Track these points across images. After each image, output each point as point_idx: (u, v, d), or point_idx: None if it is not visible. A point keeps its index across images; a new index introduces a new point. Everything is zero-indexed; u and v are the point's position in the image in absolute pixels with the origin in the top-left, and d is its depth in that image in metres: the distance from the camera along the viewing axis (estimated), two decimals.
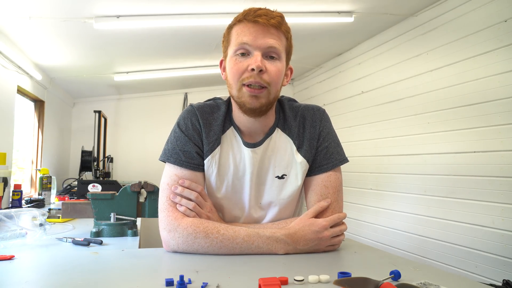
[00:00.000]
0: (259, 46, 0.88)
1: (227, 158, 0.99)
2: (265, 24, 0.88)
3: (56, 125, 3.89)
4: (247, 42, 0.88)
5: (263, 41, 0.88)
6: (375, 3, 2.55)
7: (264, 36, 0.88)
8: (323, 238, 0.91)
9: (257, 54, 0.88)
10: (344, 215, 0.96)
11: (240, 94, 0.91)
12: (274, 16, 0.89)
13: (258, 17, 0.88)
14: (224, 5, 2.37)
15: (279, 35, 0.91)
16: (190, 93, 4.85)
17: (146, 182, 1.39)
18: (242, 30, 0.90)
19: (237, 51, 0.90)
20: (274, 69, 0.90)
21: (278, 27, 0.90)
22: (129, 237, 1.37)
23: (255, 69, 0.87)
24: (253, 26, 0.89)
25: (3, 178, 2.08)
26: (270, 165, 1.00)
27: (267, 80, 0.89)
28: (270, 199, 1.01)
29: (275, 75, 0.90)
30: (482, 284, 0.71)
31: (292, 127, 1.01)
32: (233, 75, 0.91)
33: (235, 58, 0.91)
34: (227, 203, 1.01)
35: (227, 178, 0.99)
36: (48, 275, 0.72)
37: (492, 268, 2.09)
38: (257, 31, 0.88)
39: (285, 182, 1.00)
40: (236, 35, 0.91)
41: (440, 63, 2.49)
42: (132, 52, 3.24)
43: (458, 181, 2.34)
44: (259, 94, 0.89)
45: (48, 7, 2.18)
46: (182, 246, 0.89)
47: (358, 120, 3.40)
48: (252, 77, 0.88)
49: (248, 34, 0.89)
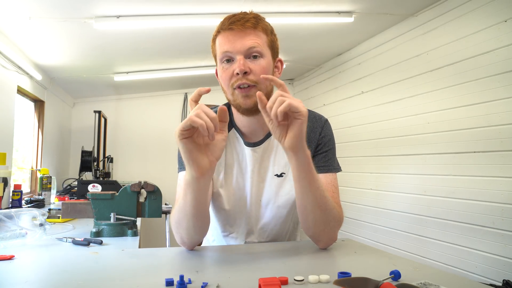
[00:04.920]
0: (239, 50, 0.93)
1: (232, 156, 1.06)
2: (241, 28, 0.93)
3: (56, 125, 3.89)
4: (228, 50, 0.94)
5: (241, 45, 0.93)
6: (375, 3, 2.55)
7: (241, 39, 0.93)
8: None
9: (240, 58, 0.92)
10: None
11: (234, 97, 0.96)
12: (248, 19, 0.94)
13: (232, 24, 0.93)
14: (224, 6, 2.37)
15: (257, 34, 0.95)
16: (190, 93, 4.85)
17: (146, 182, 1.39)
18: (222, 40, 0.95)
19: (222, 59, 0.96)
20: (258, 67, 0.94)
21: (254, 28, 0.94)
22: (129, 237, 1.37)
23: (239, 72, 0.92)
24: (230, 33, 0.94)
25: (3, 178, 2.08)
26: (270, 163, 1.05)
27: (253, 80, 0.94)
28: (269, 197, 1.05)
29: (260, 72, 0.94)
30: (482, 284, 0.71)
31: None
32: (224, 82, 0.97)
33: (222, 66, 0.97)
34: (233, 199, 1.05)
35: (233, 175, 1.05)
36: (48, 275, 0.72)
37: (492, 268, 2.09)
38: (235, 37, 0.93)
39: (283, 180, 1.04)
40: (218, 45, 0.96)
41: (440, 63, 2.49)
42: (132, 52, 3.24)
43: (458, 181, 2.34)
44: (249, 93, 0.94)
45: (48, 7, 2.18)
46: (179, 240, 0.94)
47: (358, 120, 3.40)
48: (239, 79, 0.93)
49: (227, 42, 0.94)
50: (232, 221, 1.08)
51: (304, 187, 0.86)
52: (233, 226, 1.08)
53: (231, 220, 1.08)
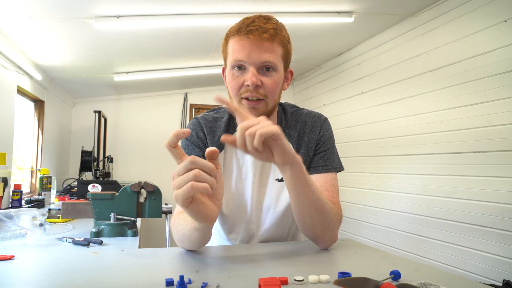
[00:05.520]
0: (253, 62, 0.90)
1: (231, 161, 1.03)
2: (258, 39, 0.88)
3: (56, 125, 3.89)
4: (242, 59, 0.90)
5: (256, 57, 0.89)
6: (375, 3, 2.55)
7: (257, 51, 0.89)
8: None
9: (252, 70, 0.90)
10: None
11: (240, 106, 0.94)
12: (267, 30, 0.89)
13: (250, 33, 0.88)
14: (224, 6, 2.37)
15: (274, 47, 0.91)
16: (190, 93, 4.85)
17: (146, 182, 1.39)
18: (237, 46, 0.91)
19: (234, 66, 0.93)
20: (270, 82, 0.92)
21: (271, 40, 0.90)
22: (129, 237, 1.37)
23: (250, 85, 0.89)
24: (247, 41, 0.89)
25: (3, 178, 2.08)
26: (271, 168, 1.04)
27: (263, 93, 0.92)
28: (270, 202, 1.03)
29: (271, 87, 0.92)
30: (482, 284, 0.70)
31: (292, 132, 1.04)
32: (232, 89, 0.94)
33: (232, 72, 0.93)
34: (231, 205, 1.03)
35: (231, 181, 1.03)
36: (48, 275, 0.72)
37: (492, 268, 2.09)
38: (251, 46, 0.89)
39: (284, 185, 1.02)
40: (232, 49, 0.93)
41: (440, 63, 2.49)
42: (132, 52, 3.24)
43: (458, 181, 2.34)
44: (257, 106, 0.92)
45: (48, 7, 2.18)
46: (182, 247, 0.93)
47: (358, 120, 3.40)
48: (249, 91, 0.91)
49: (242, 51, 0.90)
50: (231, 228, 1.06)
51: (299, 193, 0.83)
52: (232, 232, 1.06)
53: (230, 227, 1.06)
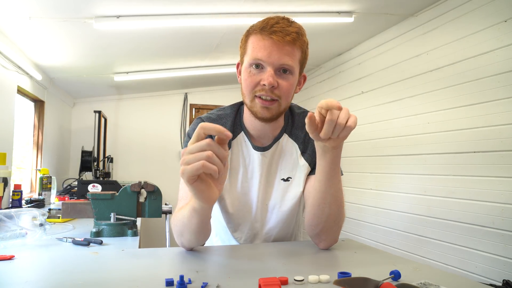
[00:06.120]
0: (272, 63, 0.91)
1: (237, 161, 1.04)
2: (280, 41, 0.89)
3: (56, 125, 3.89)
4: (261, 58, 0.91)
5: (276, 58, 0.90)
6: (375, 3, 2.55)
7: (278, 52, 0.90)
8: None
9: (270, 70, 0.91)
10: None
11: (253, 104, 0.95)
12: (290, 33, 0.90)
13: (273, 34, 0.89)
14: (224, 5, 2.37)
15: (293, 51, 0.92)
16: (190, 93, 4.85)
17: (146, 182, 1.39)
18: (258, 44, 0.92)
19: (252, 64, 0.93)
20: (285, 84, 0.93)
21: (293, 43, 0.91)
22: (129, 237, 1.37)
23: (267, 85, 0.91)
24: (268, 41, 0.90)
25: (3, 178, 2.08)
26: (278, 168, 1.05)
27: (278, 94, 0.93)
28: (276, 201, 1.05)
29: (286, 89, 0.94)
30: (482, 284, 0.70)
31: (298, 133, 1.06)
32: (247, 86, 0.95)
33: (249, 70, 0.94)
34: (237, 204, 1.04)
35: (237, 180, 1.04)
36: (48, 275, 0.72)
37: (492, 268, 2.09)
38: (272, 47, 0.90)
39: (290, 185, 1.05)
40: (252, 47, 0.93)
41: (440, 63, 2.49)
42: (132, 52, 3.24)
43: (458, 181, 2.34)
44: (270, 106, 0.94)
45: (48, 7, 2.18)
46: (180, 244, 0.92)
47: (357, 120, 3.39)
48: (264, 90, 0.92)
49: (263, 50, 0.91)
50: (236, 226, 1.06)
51: (329, 180, 0.86)
52: (236, 231, 1.07)
53: (235, 225, 1.06)
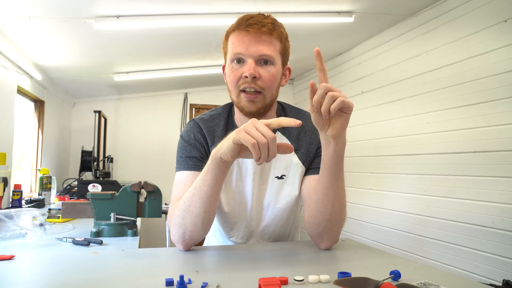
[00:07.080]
0: (252, 55, 0.93)
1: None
2: (257, 32, 0.92)
3: (56, 125, 3.89)
4: (240, 52, 0.94)
5: (255, 50, 0.93)
6: (375, 3, 2.55)
7: (256, 44, 0.93)
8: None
9: (250, 62, 0.93)
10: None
11: (239, 99, 0.97)
12: (265, 24, 0.93)
13: (249, 27, 0.92)
14: (224, 5, 2.37)
15: (272, 41, 0.95)
16: (190, 93, 4.85)
17: (146, 182, 1.39)
18: (236, 40, 0.95)
19: (233, 59, 0.96)
20: (267, 74, 0.95)
21: (270, 34, 0.94)
22: (129, 237, 1.37)
23: (248, 76, 0.93)
24: (246, 35, 0.93)
25: (3, 178, 2.08)
26: (271, 166, 1.05)
27: (261, 86, 0.95)
28: (270, 199, 1.05)
29: (269, 80, 0.95)
30: (482, 284, 0.70)
31: (292, 131, 1.06)
32: (231, 82, 0.97)
33: (231, 66, 0.97)
34: (232, 203, 1.04)
35: (232, 179, 1.04)
36: (48, 275, 0.72)
37: (492, 268, 2.09)
38: (250, 40, 0.93)
39: (284, 182, 1.05)
40: (231, 44, 0.96)
41: (440, 63, 2.49)
42: (132, 52, 3.24)
43: (458, 181, 2.34)
44: (255, 99, 0.95)
45: (48, 7, 2.18)
46: (180, 235, 0.91)
47: (358, 120, 3.40)
48: (247, 82, 0.94)
49: (241, 44, 0.94)
50: (232, 225, 1.07)
51: (332, 174, 0.86)
52: (233, 229, 1.07)
53: (231, 224, 1.07)
